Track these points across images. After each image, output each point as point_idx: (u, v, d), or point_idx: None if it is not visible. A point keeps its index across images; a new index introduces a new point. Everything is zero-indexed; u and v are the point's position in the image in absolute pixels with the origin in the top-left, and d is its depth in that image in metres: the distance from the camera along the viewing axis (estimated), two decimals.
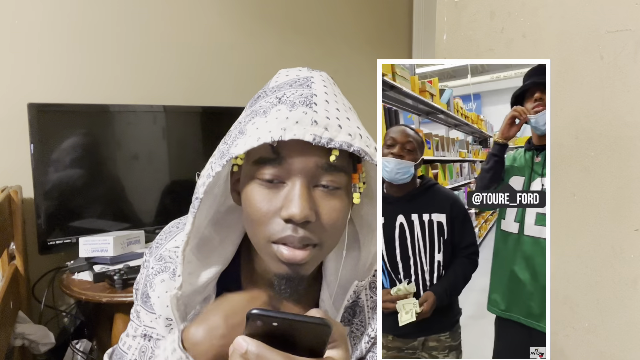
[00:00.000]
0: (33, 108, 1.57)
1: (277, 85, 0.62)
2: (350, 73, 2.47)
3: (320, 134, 0.55)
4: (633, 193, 0.90)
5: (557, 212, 0.97)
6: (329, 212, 0.58)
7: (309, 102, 0.58)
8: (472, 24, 1.16)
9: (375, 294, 0.71)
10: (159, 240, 0.73)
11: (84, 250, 1.58)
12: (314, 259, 0.60)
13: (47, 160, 1.61)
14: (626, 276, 0.92)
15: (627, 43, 0.89)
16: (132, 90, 1.93)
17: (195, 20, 2.08)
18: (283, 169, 0.57)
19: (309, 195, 0.57)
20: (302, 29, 2.36)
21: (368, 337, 0.70)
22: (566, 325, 1.01)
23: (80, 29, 1.83)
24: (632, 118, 0.89)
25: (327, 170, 0.58)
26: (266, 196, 0.58)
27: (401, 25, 2.68)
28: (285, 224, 0.57)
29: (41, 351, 1.48)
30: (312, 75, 0.63)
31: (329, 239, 0.60)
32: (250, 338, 0.46)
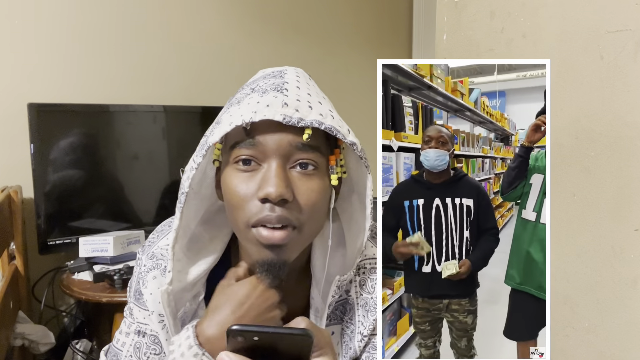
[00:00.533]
0: (33, 108, 1.57)
1: (253, 80, 0.65)
2: (351, 73, 2.47)
3: (290, 114, 0.57)
4: (633, 193, 0.90)
5: (557, 212, 0.97)
6: (306, 193, 0.59)
7: (280, 88, 0.59)
8: (472, 24, 1.16)
9: (365, 291, 0.70)
10: (151, 238, 0.73)
11: (84, 250, 1.58)
12: (293, 242, 0.60)
13: (47, 160, 1.61)
14: (626, 276, 0.92)
15: (627, 43, 0.89)
16: (132, 90, 1.93)
17: (195, 21, 2.08)
18: (258, 150, 0.58)
19: (284, 174, 0.58)
20: (302, 29, 2.36)
21: (361, 336, 0.70)
22: (566, 325, 1.01)
23: (80, 29, 1.83)
24: (632, 118, 0.89)
25: (301, 149, 0.59)
26: (243, 180, 0.59)
27: (401, 25, 2.68)
28: (263, 205, 0.58)
29: (41, 351, 1.48)
30: (286, 69, 0.65)
31: (308, 222, 0.60)
32: (232, 353, 0.46)
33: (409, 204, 0.89)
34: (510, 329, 0.91)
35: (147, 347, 0.70)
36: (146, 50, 1.97)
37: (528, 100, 0.81)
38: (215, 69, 2.12)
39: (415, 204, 0.89)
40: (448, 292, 0.93)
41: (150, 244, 0.72)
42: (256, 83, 0.62)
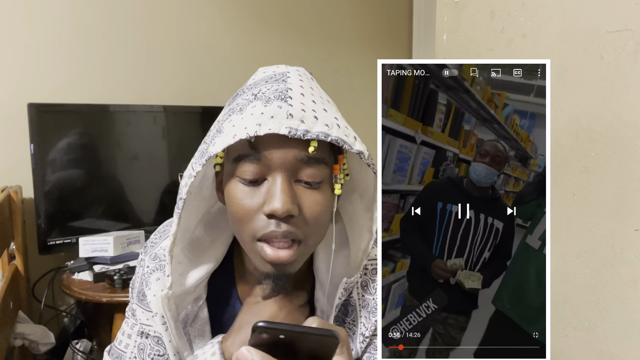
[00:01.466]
0: (33, 108, 1.57)
1: (254, 83, 0.62)
2: (351, 73, 2.47)
3: (296, 126, 0.55)
4: (633, 193, 0.90)
5: (557, 212, 0.97)
6: (311, 206, 0.58)
7: (284, 96, 0.57)
8: (472, 24, 1.16)
9: (367, 292, 0.71)
10: (153, 239, 0.73)
11: (84, 250, 1.58)
12: (299, 257, 0.60)
13: (47, 160, 1.61)
14: (626, 276, 0.92)
15: (627, 43, 0.89)
16: (132, 90, 1.93)
17: (195, 21, 2.08)
18: (263, 164, 0.57)
19: (290, 189, 0.57)
20: (302, 29, 2.36)
21: (362, 337, 0.70)
22: (566, 325, 1.01)
23: (80, 29, 1.83)
24: (632, 118, 0.89)
25: (307, 163, 0.58)
26: (248, 193, 0.58)
27: (401, 25, 2.68)
28: (269, 220, 0.57)
29: (41, 351, 1.48)
30: (289, 71, 0.63)
31: (313, 234, 0.60)
32: (254, 349, 0.46)
33: (441, 207, 0.86)
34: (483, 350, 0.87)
35: (151, 349, 0.69)
36: (146, 51, 1.97)
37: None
38: (215, 69, 2.12)
39: (448, 209, 0.86)
40: (452, 306, 0.90)
41: (153, 245, 0.72)
42: (258, 88, 0.60)
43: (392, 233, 0.88)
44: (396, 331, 0.80)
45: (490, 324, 0.88)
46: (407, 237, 0.87)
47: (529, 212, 0.85)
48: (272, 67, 0.65)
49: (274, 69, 0.64)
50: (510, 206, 0.88)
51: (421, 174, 0.94)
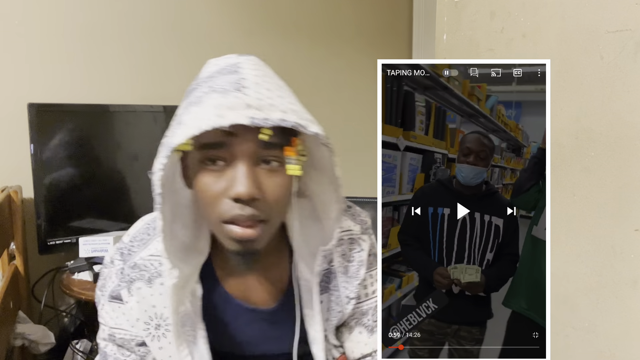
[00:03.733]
0: (33, 108, 1.57)
1: (209, 75, 0.66)
2: (351, 73, 2.47)
3: (255, 115, 0.59)
4: (633, 193, 0.90)
5: (557, 212, 0.97)
6: (273, 189, 0.63)
7: (239, 86, 0.61)
8: (472, 24, 1.16)
9: (345, 260, 0.78)
10: (129, 246, 0.74)
11: (84, 250, 1.58)
12: (264, 234, 0.65)
13: (47, 160, 1.61)
14: (626, 276, 0.92)
15: (627, 43, 0.89)
16: (132, 90, 1.93)
17: (195, 20, 2.08)
18: (226, 151, 0.61)
19: (252, 174, 0.61)
20: (302, 28, 2.36)
21: (348, 299, 0.78)
22: (566, 325, 1.01)
23: (80, 29, 1.83)
24: (632, 118, 0.89)
25: (265, 147, 0.62)
26: (213, 179, 0.62)
27: (401, 25, 2.68)
28: (234, 203, 0.61)
29: (41, 351, 1.48)
30: (240, 61, 0.66)
31: (276, 214, 0.65)
32: None
33: (432, 212, 0.82)
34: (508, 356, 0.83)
35: (133, 350, 0.73)
36: (146, 50, 1.97)
37: (543, 113, 0.79)
38: None
39: (440, 212, 0.83)
40: (462, 318, 0.86)
41: (131, 254, 0.73)
42: (213, 80, 0.64)
43: (391, 248, 0.86)
44: (396, 331, 0.80)
45: (509, 327, 0.85)
46: (407, 250, 0.85)
47: (530, 201, 0.82)
48: (223, 59, 0.68)
49: (225, 61, 0.67)
50: (510, 199, 0.84)
51: (411, 182, 0.91)
